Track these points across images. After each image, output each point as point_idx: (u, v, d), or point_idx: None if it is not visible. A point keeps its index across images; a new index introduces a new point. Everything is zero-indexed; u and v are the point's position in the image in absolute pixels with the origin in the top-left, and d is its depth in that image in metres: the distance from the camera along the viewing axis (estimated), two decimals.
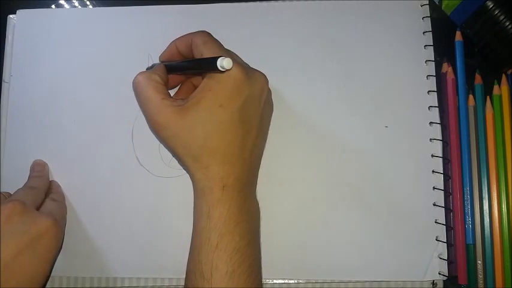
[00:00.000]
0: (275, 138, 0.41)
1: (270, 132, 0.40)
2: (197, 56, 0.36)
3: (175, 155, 0.37)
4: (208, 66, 0.34)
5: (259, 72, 0.37)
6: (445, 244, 0.40)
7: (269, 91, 0.38)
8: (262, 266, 0.36)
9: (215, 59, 0.32)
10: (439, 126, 0.42)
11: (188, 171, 0.37)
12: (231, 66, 0.32)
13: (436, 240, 0.40)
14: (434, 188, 0.41)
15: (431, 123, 0.42)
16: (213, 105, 0.34)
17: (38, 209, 0.38)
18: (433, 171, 0.41)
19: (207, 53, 0.35)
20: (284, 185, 0.41)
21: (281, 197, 0.41)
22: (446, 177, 0.41)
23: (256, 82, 0.36)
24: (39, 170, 0.42)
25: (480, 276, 0.40)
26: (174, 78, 0.41)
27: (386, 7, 0.44)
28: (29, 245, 0.34)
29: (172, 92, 0.42)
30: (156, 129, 0.36)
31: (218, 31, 0.38)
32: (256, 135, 0.36)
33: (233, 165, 0.35)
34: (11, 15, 0.46)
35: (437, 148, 0.42)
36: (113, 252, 0.41)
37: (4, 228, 0.34)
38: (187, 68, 0.39)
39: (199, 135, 0.34)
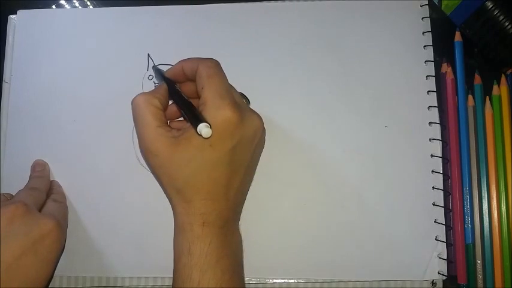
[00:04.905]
0: (275, 138, 0.41)
1: (270, 132, 0.40)
2: (199, 86, 0.35)
3: (160, 183, 0.37)
4: (191, 121, 0.33)
5: (256, 115, 0.36)
6: (445, 244, 0.40)
7: (263, 132, 0.38)
8: (262, 265, 0.36)
9: (198, 121, 0.32)
10: (438, 126, 0.42)
11: (170, 203, 0.37)
12: (208, 136, 0.31)
13: (436, 239, 0.40)
14: (433, 187, 0.41)
15: (430, 123, 0.42)
16: (203, 143, 0.33)
17: (39, 209, 0.38)
18: (432, 171, 0.41)
19: (207, 88, 0.34)
20: (283, 185, 0.41)
21: (280, 197, 0.41)
22: (446, 177, 0.41)
23: (250, 126, 0.35)
24: (39, 170, 0.42)
25: (479, 275, 0.40)
26: (173, 109, 0.39)
27: (386, 7, 0.44)
28: (31, 247, 0.34)
29: None
30: (146, 154, 0.36)
31: (218, 31, 0.38)
32: (243, 175, 0.36)
33: (216, 202, 0.34)
34: (11, 16, 0.46)
35: (437, 148, 0.42)
36: (113, 252, 0.41)
37: (6, 230, 0.34)
38: (180, 107, 0.38)
39: (185, 171, 0.34)
